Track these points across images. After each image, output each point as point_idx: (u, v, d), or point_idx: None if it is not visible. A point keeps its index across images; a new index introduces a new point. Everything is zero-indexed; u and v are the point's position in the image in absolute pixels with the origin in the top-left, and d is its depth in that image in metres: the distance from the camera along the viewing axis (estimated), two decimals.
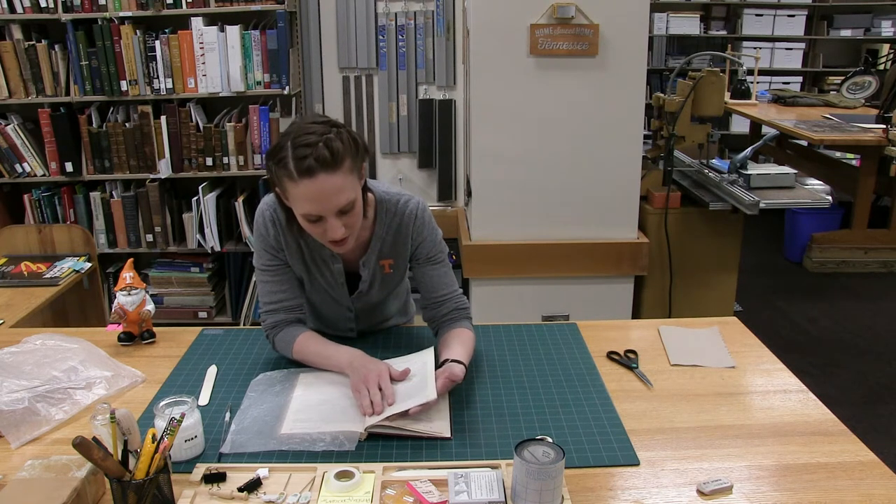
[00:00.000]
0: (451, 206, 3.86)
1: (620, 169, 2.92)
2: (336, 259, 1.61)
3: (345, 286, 1.65)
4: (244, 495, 1.17)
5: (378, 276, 1.65)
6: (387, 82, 3.74)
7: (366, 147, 1.47)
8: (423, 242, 1.62)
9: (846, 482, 1.22)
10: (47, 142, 3.37)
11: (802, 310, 4.01)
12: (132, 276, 1.74)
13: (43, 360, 1.53)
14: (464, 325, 1.64)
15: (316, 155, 1.33)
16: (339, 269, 1.62)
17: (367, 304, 1.71)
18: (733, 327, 1.84)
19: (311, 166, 1.33)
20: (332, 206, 1.38)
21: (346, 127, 1.43)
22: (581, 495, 1.19)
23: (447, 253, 1.68)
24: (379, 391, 1.40)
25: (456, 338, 1.58)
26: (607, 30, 2.75)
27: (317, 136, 1.35)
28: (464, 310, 1.66)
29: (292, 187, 1.37)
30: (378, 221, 1.60)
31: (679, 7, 5.86)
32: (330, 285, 1.65)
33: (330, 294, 1.67)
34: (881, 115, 4.17)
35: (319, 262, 1.62)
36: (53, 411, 1.42)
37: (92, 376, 1.52)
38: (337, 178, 1.36)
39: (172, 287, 3.58)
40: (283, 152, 1.36)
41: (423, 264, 1.65)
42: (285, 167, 1.35)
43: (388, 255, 1.64)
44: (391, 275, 1.67)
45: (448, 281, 1.66)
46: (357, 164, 1.42)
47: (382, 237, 1.61)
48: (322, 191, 1.36)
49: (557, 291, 3.02)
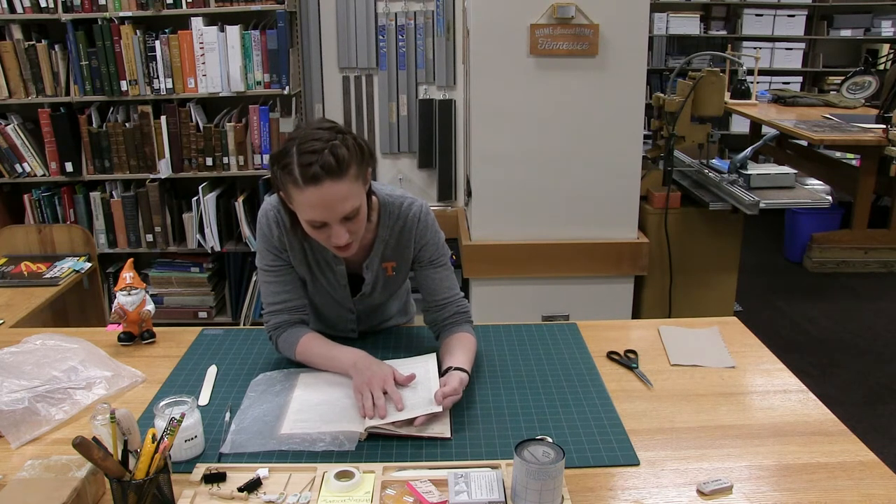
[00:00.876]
0: (451, 206, 3.86)
1: (620, 169, 2.92)
2: (339, 261, 1.60)
3: (347, 288, 1.65)
4: (244, 495, 1.17)
5: (381, 279, 1.65)
6: (387, 82, 3.74)
7: (371, 153, 1.46)
8: (425, 245, 1.62)
9: (846, 482, 1.22)
10: (47, 142, 3.37)
11: (802, 310, 4.01)
12: (132, 276, 1.74)
13: (43, 360, 1.53)
14: (465, 329, 1.63)
15: (321, 162, 1.32)
16: (342, 272, 1.62)
17: (369, 305, 1.71)
18: (733, 327, 1.84)
19: (317, 174, 1.32)
20: (337, 213, 1.37)
21: (352, 133, 1.42)
22: (581, 495, 1.19)
23: (449, 256, 1.68)
24: (382, 395, 1.39)
25: (458, 343, 1.58)
26: (607, 30, 2.75)
27: (322, 143, 1.34)
28: (465, 314, 1.66)
29: (297, 194, 1.36)
30: (381, 224, 1.60)
31: (679, 7, 5.87)
32: (333, 287, 1.65)
33: (332, 296, 1.67)
34: (881, 115, 4.17)
35: (322, 263, 1.62)
36: (53, 411, 1.42)
37: (92, 376, 1.52)
38: (342, 185, 1.35)
39: (172, 287, 3.58)
40: (289, 158, 1.34)
41: (426, 267, 1.65)
42: (290, 173, 1.34)
43: (391, 258, 1.63)
44: (394, 277, 1.67)
45: (449, 284, 1.66)
46: (362, 171, 1.41)
47: (386, 240, 1.61)
48: (327, 198, 1.35)
49: (557, 291, 3.02)
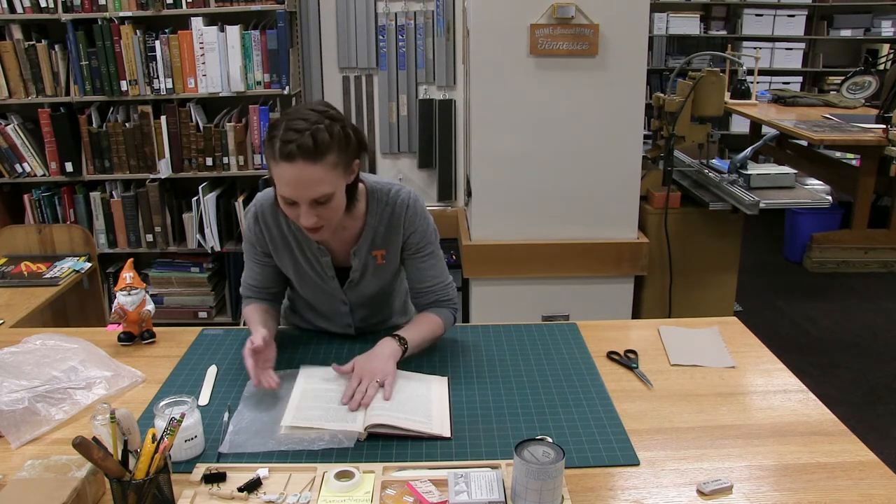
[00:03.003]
0: (451, 206, 3.86)
1: (620, 169, 2.92)
2: (323, 252, 1.62)
3: (335, 279, 1.66)
4: (244, 495, 1.17)
5: (370, 267, 1.66)
6: (387, 82, 3.74)
7: (362, 143, 1.48)
8: (414, 232, 1.64)
9: (846, 482, 1.22)
10: (47, 142, 3.37)
11: (802, 310, 4.01)
12: (132, 276, 1.74)
13: (43, 360, 1.53)
14: (438, 311, 1.69)
15: (300, 142, 1.36)
16: (328, 262, 1.64)
17: (361, 296, 1.71)
18: (733, 327, 1.84)
19: (292, 151, 1.36)
20: (306, 194, 1.40)
21: (344, 121, 1.44)
22: (581, 495, 1.19)
23: (438, 243, 1.70)
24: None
25: (416, 320, 1.68)
26: (607, 30, 2.75)
27: (307, 124, 1.37)
28: (447, 301, 1.69)
29: (274, 166, 1.41)
30: (370, 212, 1.61)
31: (679, 7, 5.87)
32: (321, 278, 1.66)
33: (322, 288, 1.68)
34: (881, 115, 4.17)
35: (309, 254, 1.64)
36: (53, 411, 1.42)
37: (92, 376, 1.52)
38: (316, 169, 1.38)
39: (172, 287, 3.58)
40: (276, 131, 1.39)
41: (413, 255, 1.67)
42: (273, 146, 1.39)
43: (381, 246, 1.65)
44: (384, 266, 1.68)
45: (435, 273, 1.68)
46: (343, 160, 1.42)
47: (375, 227, 1.63)
48: (298, 178, 1.38)
49: (557, 291, 3.02)
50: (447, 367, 1.62)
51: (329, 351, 1.70)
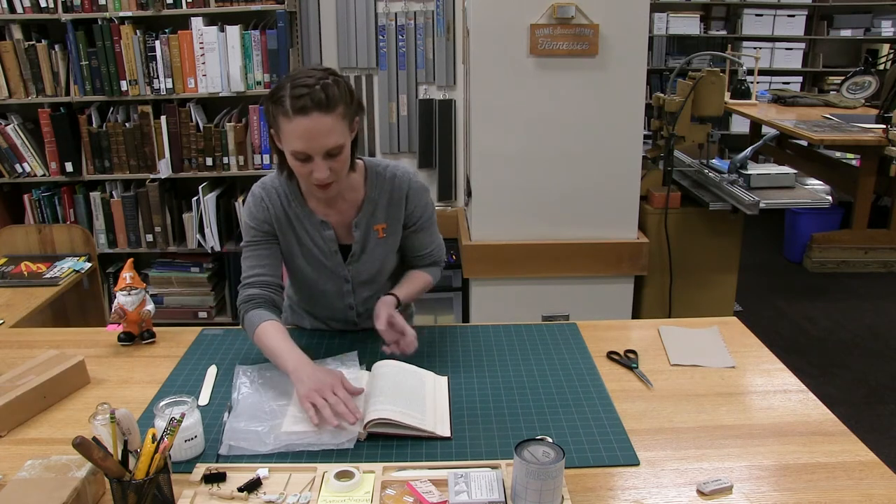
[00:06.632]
0: (451, 206, 3.86)
1: (620, 169, 2.91)
2: (326, 226, 1.65)
3: (338, 253, 1.69)
4: (244, 495, 1.17)
5: (371, 240, 1.69)
6: (387, 82, 3.74)
7: (360, 104, 1.56)
8: (416, 208, 1.71)
9: (846, 482, 1.22)
10: (47, 142, 3.37)
11: (802, 310, 4.01)
12: (132, 276, 1.74)
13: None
14: (426, 269, 1.80)
15: (312, 95, 1.41)
16: (331, 236, 1.66)
17: (363, 272, 1.72)
18: (733, 327, 1.84)
19: (306, 105, 1.41)
20: (321, 145, 1.45)
21: (345, 79, 1.51)
22: (581, 495, 1.19)
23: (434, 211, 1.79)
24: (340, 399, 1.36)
25: (407, 277, 1.77)
26: (607, 30, 2.75)
27: (314, 80, 1.44)
28: (440, 260, 1.83)
29: (286, 123, 1.44)
30: (369, 184, 1.67)
31: (679, 7, 5.86)
32: (324, 254, 1.68)
33: (325, 264, 1.69)
34: (881, 115, 4.17)
35: (311, 229, 1.66)
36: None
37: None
38: (329, 119, 1.43)
39: (172, 287, 3.58)
40: (282, 91, 1.44)
41: (416, 230, 1.75)
42: (282, 105, 1.43)
43: (382, 220, 1.69)
44: (385, 240, 1.71)
45: (432, 238, 1.79)
46: (349, 113, 1.49)
47: (375, 200, 1.67)
48: (313, 129, 1.43)
49: (557, 291, 3.02)
50: (447, 367, 1.62)
51: (331, 347, 1.70)
